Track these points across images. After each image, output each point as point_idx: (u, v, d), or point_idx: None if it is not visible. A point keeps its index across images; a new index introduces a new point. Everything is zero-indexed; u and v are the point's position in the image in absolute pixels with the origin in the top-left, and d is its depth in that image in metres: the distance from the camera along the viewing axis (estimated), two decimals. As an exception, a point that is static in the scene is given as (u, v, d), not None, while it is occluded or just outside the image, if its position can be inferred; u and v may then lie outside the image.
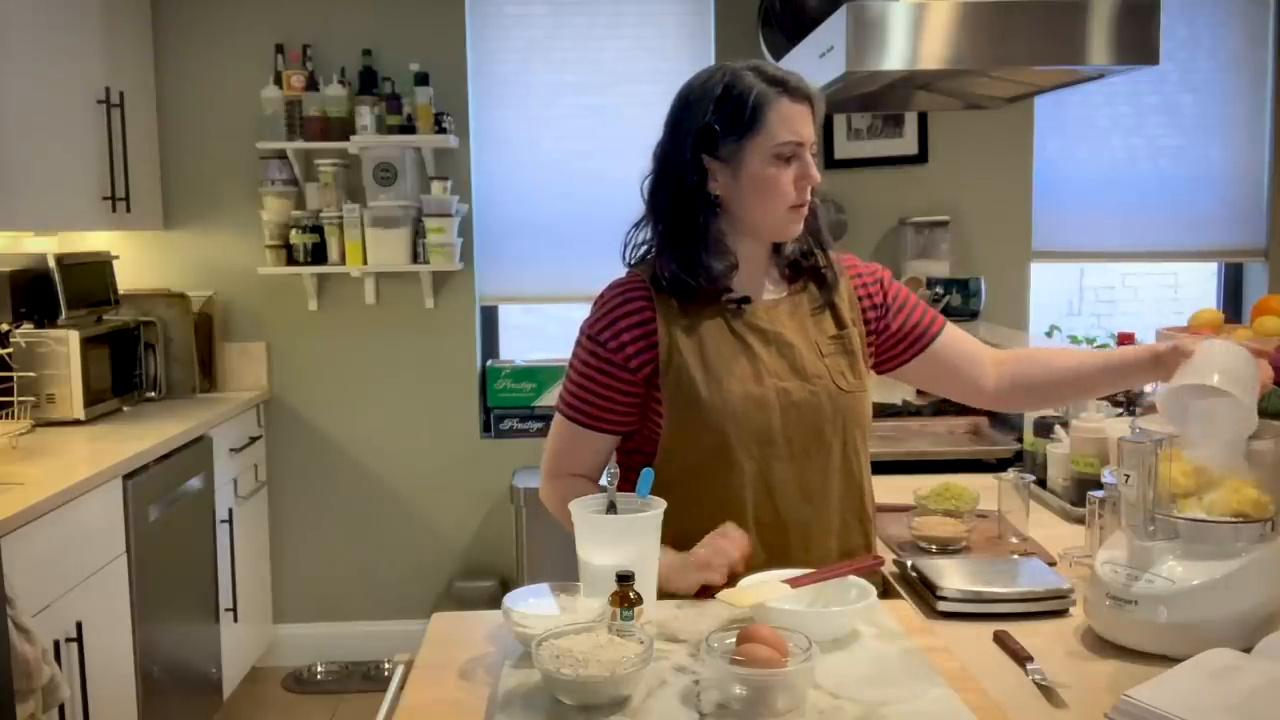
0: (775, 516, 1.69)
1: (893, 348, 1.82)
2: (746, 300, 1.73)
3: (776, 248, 1.77)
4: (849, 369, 1.73)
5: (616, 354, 1.69)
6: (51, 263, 3.28)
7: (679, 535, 1.62)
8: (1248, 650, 1.33)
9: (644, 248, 1.77)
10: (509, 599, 1.45)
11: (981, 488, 2.09)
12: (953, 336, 1.84)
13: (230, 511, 3.60)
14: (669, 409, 1.68)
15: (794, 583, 1.49)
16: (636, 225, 1.77)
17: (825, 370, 1.71)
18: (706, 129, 1.66)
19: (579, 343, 1.75)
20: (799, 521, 1.70)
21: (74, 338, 3.24)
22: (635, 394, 1.70)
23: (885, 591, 1.75)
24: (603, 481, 1.58)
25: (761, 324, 1.71)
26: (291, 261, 3.90)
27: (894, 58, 2.29)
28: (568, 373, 1.77)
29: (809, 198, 1.69)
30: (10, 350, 3.19)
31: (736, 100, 1.65)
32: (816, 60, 2.53)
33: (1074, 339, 4.48)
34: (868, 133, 4.07)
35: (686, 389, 1.66)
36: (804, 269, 1.77)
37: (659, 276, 1.70)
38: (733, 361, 1.68)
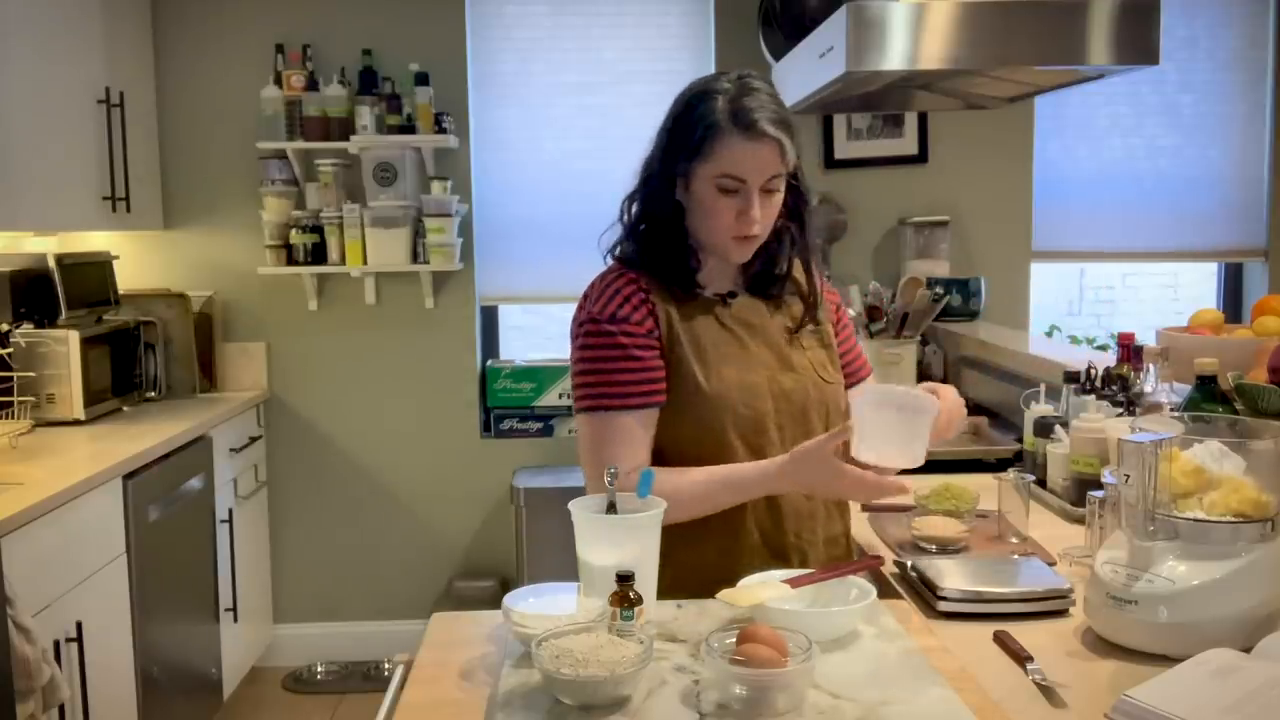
0: (771, 503, 1.71)
1: None
2: (733, 295, 1.75)
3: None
4: (828, 362, 1.78)
5: (639, 326, 1.67)
6: (51, 263, 3.28)
7: (672, 528, 1.62)
8: (1248, 650, 1.33)
9: (623, 245, 1.78)
10: (509, 599, 1.45)
11: (981, 488, 2.09)
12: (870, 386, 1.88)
13: (230, 511, 3.60)
14: (668, 395, 1.69)
15: (794, 583, 1.49)
16: (624, 233, 1.77)
17: (809, 363, 1.75)
18: (666, 141, 1.69)
19: (585, 334, 1.69)
20: (792, 508, 1.73)
21: (74, 338, 3.24)
22: (661, 363, 1.67)
23: (883, 591, 1.75)
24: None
25: (748, 318, 1.74)
26: (291, 261, 3.90)
27: (894, 58, 2.29)
28: (580, 371, 1.70)
29: (755, 231, 1.66)
30: (10, 350, 3.19)
31: (693, 123, 1.65)
32: (816, 60, 2.53)
33: (1074, 339, 4.48)
34: (867, 133, 4.07)
35: (686, 376, 1.68)
36: (769, 290, 1.77)
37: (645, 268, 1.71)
38: (726, 351, 1.70)
